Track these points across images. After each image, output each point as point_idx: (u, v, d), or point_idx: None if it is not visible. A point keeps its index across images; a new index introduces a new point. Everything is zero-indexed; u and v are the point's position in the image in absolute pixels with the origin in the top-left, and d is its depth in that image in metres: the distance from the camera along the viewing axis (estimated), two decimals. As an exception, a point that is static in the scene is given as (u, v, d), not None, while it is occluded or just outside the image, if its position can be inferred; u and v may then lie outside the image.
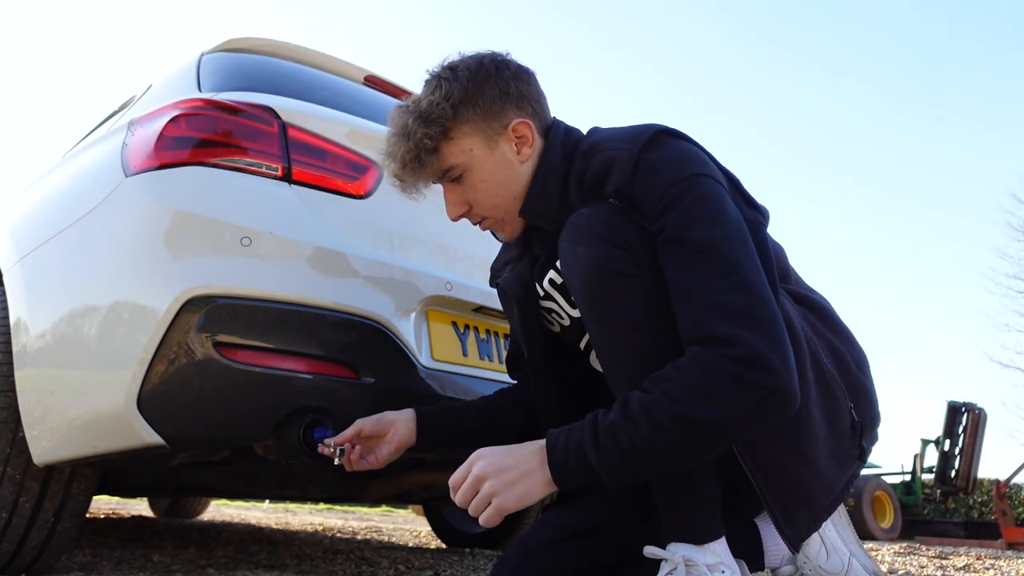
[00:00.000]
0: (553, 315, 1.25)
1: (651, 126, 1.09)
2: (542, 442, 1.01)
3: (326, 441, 1.30)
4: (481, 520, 1.01)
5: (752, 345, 0.91)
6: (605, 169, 1.08)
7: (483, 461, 1.01)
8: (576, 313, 1.20)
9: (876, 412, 1.18)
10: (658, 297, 1.01)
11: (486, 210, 1.19)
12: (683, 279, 0.98)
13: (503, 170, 1.17)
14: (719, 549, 1.03)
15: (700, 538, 1.02)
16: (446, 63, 1.19)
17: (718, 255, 0.97)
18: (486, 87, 1.15)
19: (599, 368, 1.22)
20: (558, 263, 1.16)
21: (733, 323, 0.93)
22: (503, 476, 0.99)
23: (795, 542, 1.05)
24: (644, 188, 1.04)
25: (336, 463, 1.29)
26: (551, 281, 1.21)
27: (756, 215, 1.13)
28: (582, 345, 1.25)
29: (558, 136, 1.19)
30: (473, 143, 1.15)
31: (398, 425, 1.31)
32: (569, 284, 1.09)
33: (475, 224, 1.24)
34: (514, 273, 1.28)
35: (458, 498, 1.04)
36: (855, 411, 1.12)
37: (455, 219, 1.22)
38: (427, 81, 1.18)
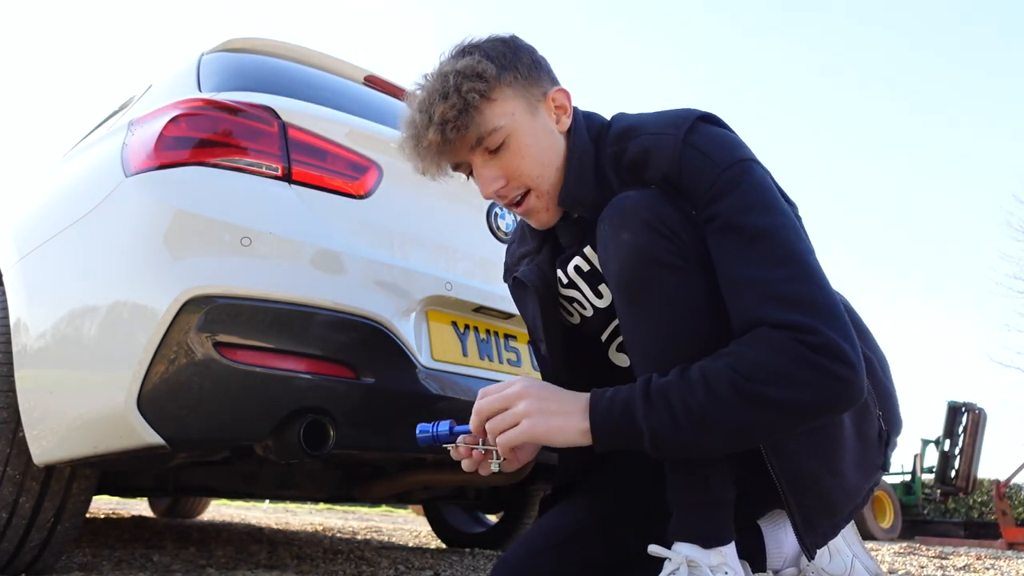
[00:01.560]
0: (575, 305, 1.21)
1: (691, 111, 1.07)
2: (584, 396, 0.98)
3: (486, 449, 1.06)
4: (500, 440, 0.98)
5: (829, 335, 0.89)
6: (646, 153, 1.04)
7: (527, 383, 0.99)
8: (601, 303, 1.16)
9: (899, 419, 1.17)
10: (700, 292, 0.99)
11: (530, 179, 1.09)
12: (741, 266, 0.95)
13: (545, 137, 1.10)
14: (727, 552, 1.02)
15: (708, 541, 1.01)
16: (464, 42, 1.11)
17: (778, 242, 0.95)
18: (519, 56, 1.09)
19: (618, 362, 1.21)
20: (587, 249, 1.13)
21: (804, 312, 0.91)
22: (543, 403, 0.96)
23: (812, 549, 1.03)
24: (694, 173, 1.01)
25: (495, 470, 1.06)
26: (577, 268, 1.16)
27: (791, 208, 1.09)
28: (604, 336, 1.21)
29: (579, 119, 1.15)
30: (515, 107, 1.07)
31: None
32: (606, 270, 1.05)
33: (508, 204, 1.12)
34: (532, 266, 1.23)
35: (485, 406, 1.00)
36: (882, 419, 1.11)
37: (491, 194, 1.10)
38: (453, 51, 1.10)
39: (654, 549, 1.04)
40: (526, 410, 0.96)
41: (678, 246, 0.99)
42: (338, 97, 1.90)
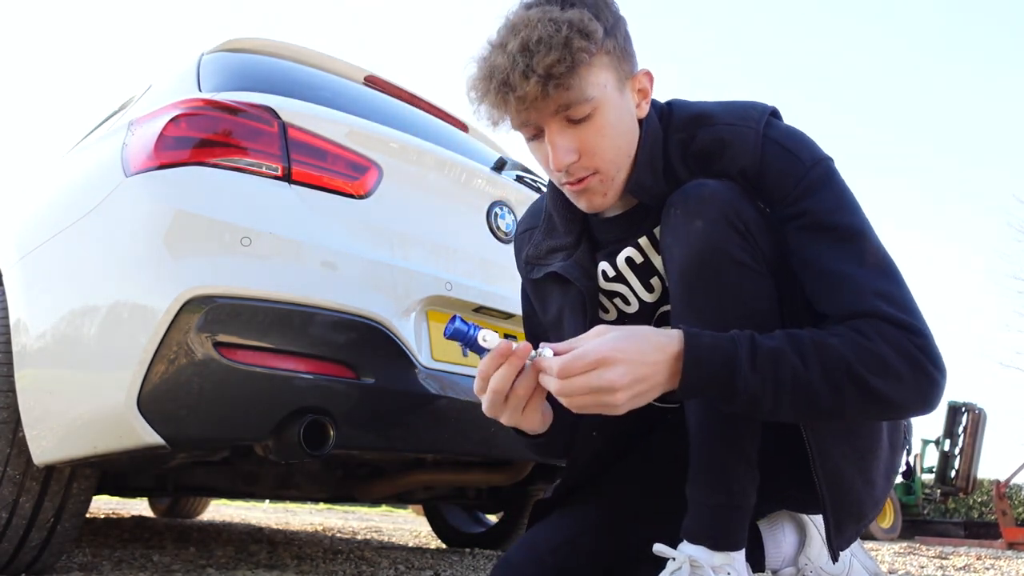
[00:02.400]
0: (616, 300, 1.15)
1: (760, 104, 1.05)
2: (672, 335, 0.89)
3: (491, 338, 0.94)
4: (574, 403, 0.87)
5: (931, 340, 0.91)
6: (722, 144, 1.01)
7: (611, 341, 0.86)
8: (650, 297, 1.11)
9: (911, 424, 1.18)
10: (762, 296, 0.97)
11: (603, 162, 1.00)
12: (837, 261, 0.94)
13: (627, 120, 1.02)
14: (736, 556, 1.01)
15: (719, 544, 1.00)
16: None
17: (869, 243, 0.96)
18: (620, 23, 1.00)
19: None
20: (642, 240, 1.09)
21: (908, 313, 0.91)
22: (635, 369, 0.85)
23: (837, 552, 1.04)
24: (778, 169, 0.99)
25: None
26: (629, 260, 1.11)
27: None
28: None
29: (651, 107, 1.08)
30: (608, 79, 0.98)
31: None
32: (669, 256, 1.00)
33: (572, 182, 1.02)
34: (572, 261, 1.14)
35: (570, 386, 0.86)
36: (904, 425, 1.12)
37: (564, 167, 0.99)
38: (542, 8, 0.95)
39: (659, 548, 1.03)
40: (620, 376, 0.84)
41: (751, 245, 0.97)
42: (338, 97, 1.90)
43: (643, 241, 1.10)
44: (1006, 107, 29.69)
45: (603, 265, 1.14)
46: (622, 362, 0.85)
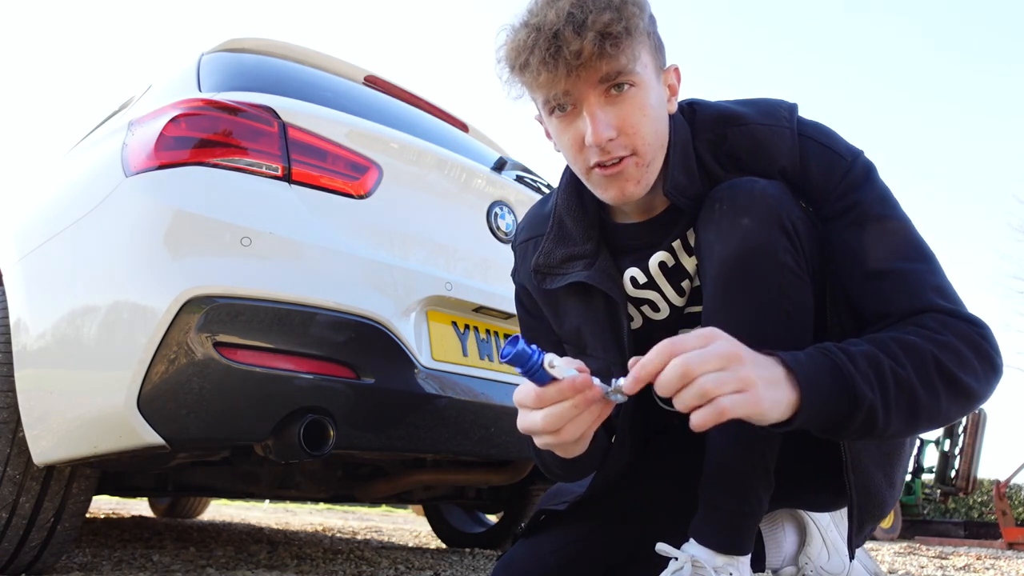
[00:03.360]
0: (644, 307, 1.11)
1: (782, 101, 1.04)
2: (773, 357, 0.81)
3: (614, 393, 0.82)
4: (698, 419, 0.74)
5: (989, 330, 0.90)
6: (756, 144, 1.00)
7: (731, 338, 0.78)
8: (680, 301, 1.08)
9: None
10: (802, 302, 0.95)
11: (642, 142, 0.95)
12: (890, 255, 0.93)
13: (662, 107, 0.99)
14: (741, 561, 1.01)
15: (725, 548, 0.99)
16: None
17: (916, 237, 0.96)
18: (654, 20, 0.99)
19: None
20: (675, 243, 1.05)
21: (960, 305, 0.91)
22: (763, 372, 0.77)
23: (854, 551, 1.05)
24: (821, 166, 0.98)
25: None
26: (662, 264, 1.07)
27: None
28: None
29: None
30: (649, 60, 0.96)
31: None
32: (708, 252, 0.97)
33: (606, 164, 0.96)
34: (595, 270, 1.07)
35: (696, 360, 0.74)
36: None
37: (603, 141, 0.93)
38: None
39: (662, 547, 1.03)
40: (751, 377, 0.75)
41: (796, 248, 0.94)
42: (338, 97, 1.91)
43: (676, 244, 1.06)
44: (1006, 107, 29.72)
45: (632, 271, 1.09)
46: (744, 350, 0.78)
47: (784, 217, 0.94)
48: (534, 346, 0.80)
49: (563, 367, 0.80)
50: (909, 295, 0.91)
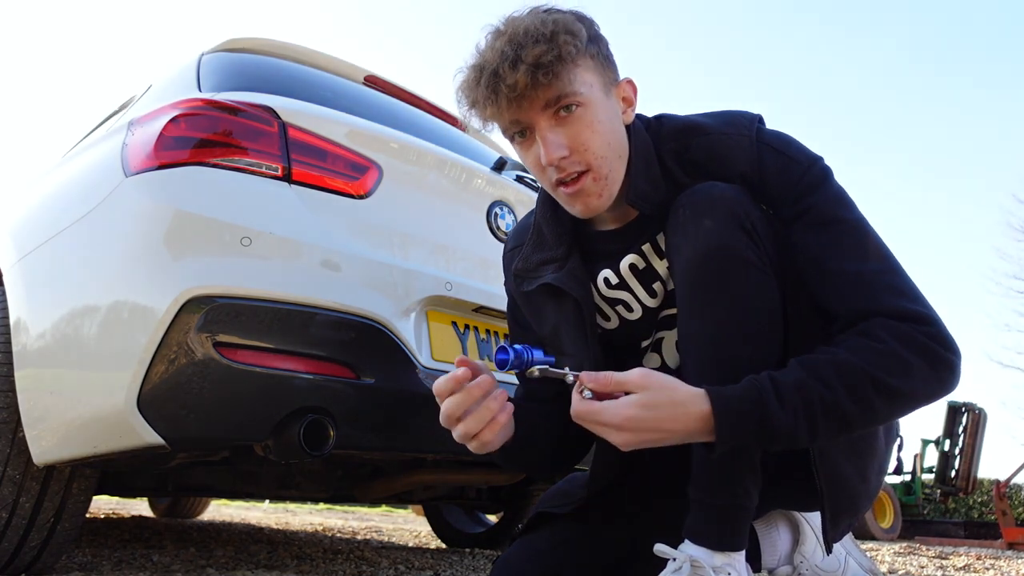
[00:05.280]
0: (618, 307, 1.16)
1: (745, 112, 1.09)
2: (699, 394, 0.91)
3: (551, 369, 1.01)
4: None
5: (941, 326, 0.93)
6: (717, 152, 1.05)
7: (636, 407, 0.90)
8: (653, 302, 1.13)
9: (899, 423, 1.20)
10: (769, 295, 0.99)
11: (595, 157, 1.02)
12: (841, 258, 0.97)
13: (615, 121, 1.05)
14: (736, 557, 1.02)
15: (720, 545, 1.00)
16: (545, 4, 1.04)
17: (870, 236, 1.00)
18: (600, 37, 1.05)
19: (650, 365, 1.18)
20: (645, 247, 1.10)
21: (914, 303, 0.94)
22: (650, 428, 0.91)
23: (831, 545, 1.06)
24: (778, 171, 1.03)
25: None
26: (632, 266, 1.12)
27: None
28: (646, 343, 1.18)
29: (636, 120, 1.11)
30: (594, 80, 1.02)
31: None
32: (677, 256, 1.02)
33: (558, 182, 1.04)
34: (564, 272, 1.14)
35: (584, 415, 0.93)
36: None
37: (555, 160, 1.01)
38: (536, 10, 1.02)
39: (660, 548, 1.03)
40: (624, 440, 0.92)
41: (757, 245, 0.99)
42: (338, 97, 1.91)
43: (646, 248, 1.11)
44: (1006, 106, 29.72)
45: (606, 273, 1.15)
46: (632, 432, 0.91)
47: (743, 217, 0.99)
48: (517, 347, 0.96)
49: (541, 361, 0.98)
50: (859, 298, 0.96)
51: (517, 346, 1.01)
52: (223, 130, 1.48)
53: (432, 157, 1.78)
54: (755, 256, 0.98)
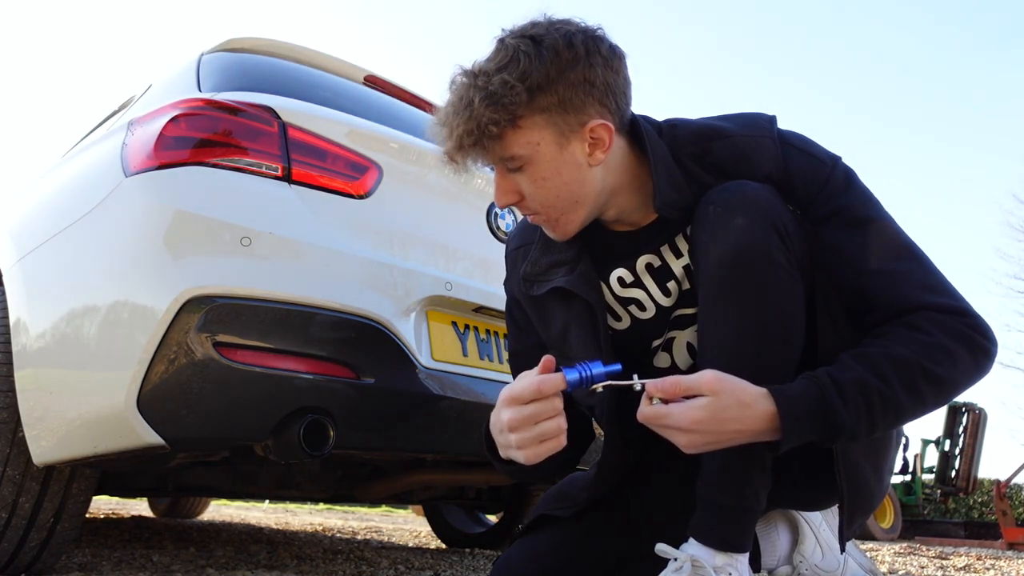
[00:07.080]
0: (631, 307, 1.15)
1: (763, 114, 1.10)
2: (763, 394, 0.92)
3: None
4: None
5: (978, 317, 0.97)
6: (740, 154, 1.05)
7: (708, 408, 0.91)
8: (667, 301, 1.12)
9: None
10: (795, 299, 0.99)
11: (542, 207, 1.06)
12: (878, 257, 0.99)
13: (569, 171, 1.03)
14: (739, 559, 1.01)
15: (724, 545, 1.00)
16: (529, 28, 1.01)
17: (901, 234, 1.03)
18: (570, 72, 0.98)
19: (659, 364, 1.17)
20: (663, 248, 1.10)
21: (953, 297, 0.98)
22: (724, 438, 0.93)
23: (845, 544, 1.08)
24: (804, 172, 1.03)
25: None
26: (648, 265, 1.12)
27: None
28: (657, 342, 1.16)
29: (648, 127, 1.09)
30: (542, 136, 1.00)
31: None
32: (704, 253, 1.01)
33: (524, 213, 1.11)
34: (575, 275, 1.13)
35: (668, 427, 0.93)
36: None
37: (503, 207, 1.09)
38: (501, 47, 1.00)
39: (661, 548, 1.03)
40: (689, 442, 0.93)
41: (787, 246, 0.99)
42: (338, 97, 1.91)
43: (664, 249, 1.11)
44: (1006, 106, 29.73)
45: (620, 272, 1.14)
46: (699, 434, 0.92)
47: (776, 217, 0.99)
48: (580, 364, 0.96)
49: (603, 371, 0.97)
50: (898, 294, 0.98)
51: (579, 364, 0.97)
52: (223, 130, 1.48)
53: (432, 157, 1.78)
54: (784, 258, 0.98)
